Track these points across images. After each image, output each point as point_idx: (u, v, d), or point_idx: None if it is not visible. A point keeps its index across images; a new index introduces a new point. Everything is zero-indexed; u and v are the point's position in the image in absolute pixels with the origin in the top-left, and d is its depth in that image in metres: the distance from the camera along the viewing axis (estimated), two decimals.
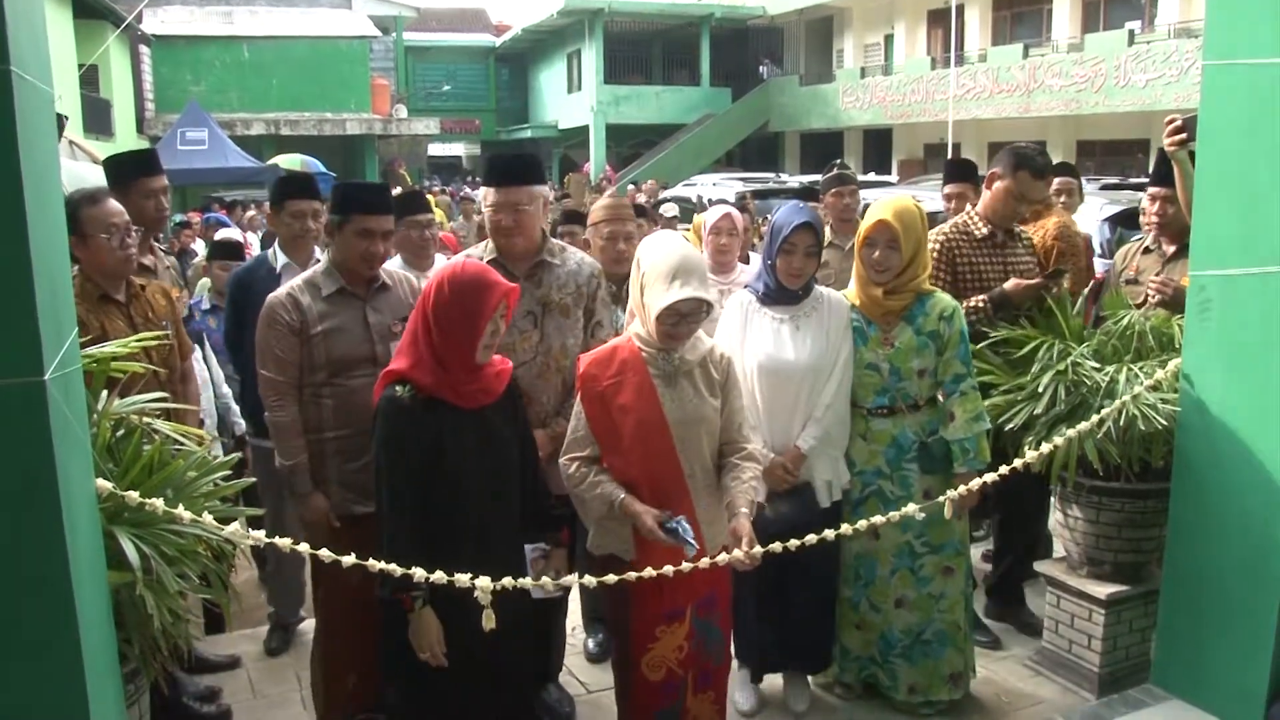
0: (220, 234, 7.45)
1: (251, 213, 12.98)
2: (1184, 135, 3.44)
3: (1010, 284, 3.79)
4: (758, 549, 2.69)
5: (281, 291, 3.14)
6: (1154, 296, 3.84)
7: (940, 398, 3.42)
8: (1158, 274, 3.97)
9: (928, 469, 3.38)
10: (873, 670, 3.54)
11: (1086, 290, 4.49)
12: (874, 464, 3.40)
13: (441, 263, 3.59)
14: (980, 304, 3.81)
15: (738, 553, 2.67)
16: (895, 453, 3.39)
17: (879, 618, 3.47)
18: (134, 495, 2.17)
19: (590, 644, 3.92)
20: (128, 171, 3.73)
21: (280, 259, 3.94)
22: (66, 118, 10.15)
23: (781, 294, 3.33)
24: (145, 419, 2.57)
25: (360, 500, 3.08)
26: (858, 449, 3.42)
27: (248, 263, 4.29)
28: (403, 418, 2.56)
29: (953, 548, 3.46)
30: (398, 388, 2.58)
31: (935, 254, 3.86)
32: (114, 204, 3.17)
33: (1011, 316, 3.81)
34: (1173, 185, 3.74)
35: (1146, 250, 4.18)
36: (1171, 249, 4.03)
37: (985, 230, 3.95)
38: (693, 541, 2.64)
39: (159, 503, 2.20)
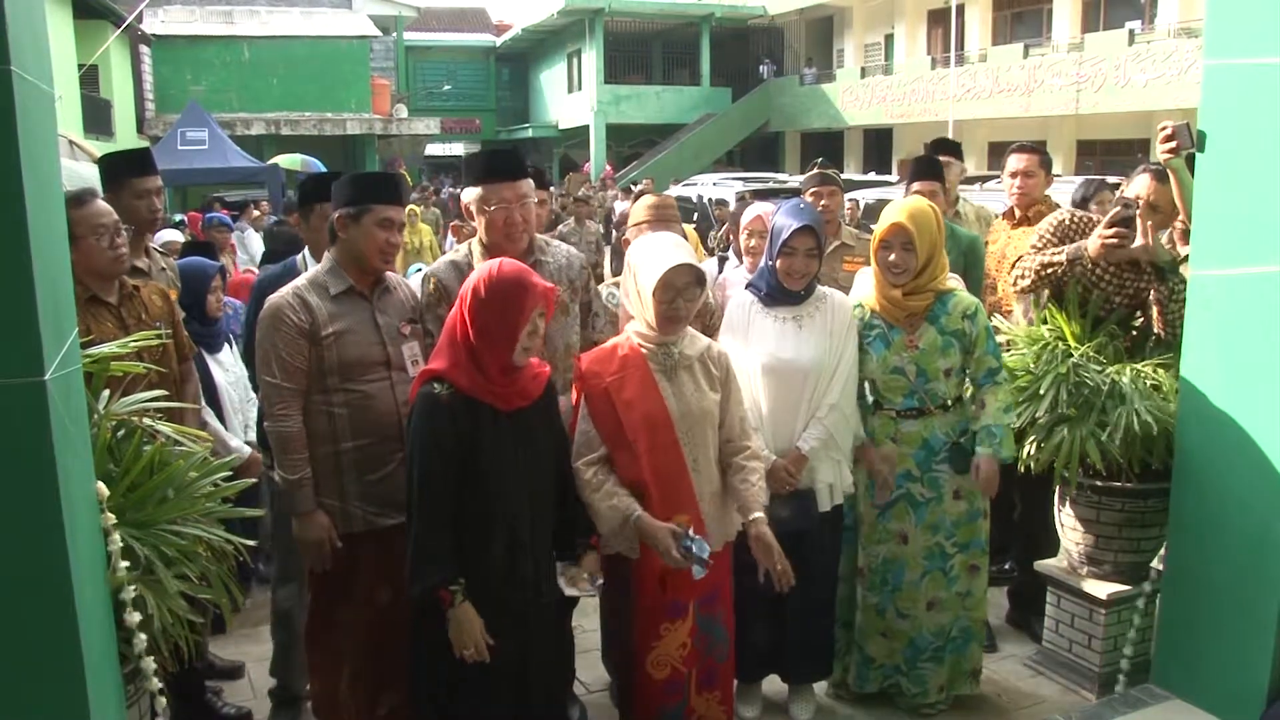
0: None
1: (257, 212, 12.97)
2: (1175, 143, 3.38)
3: (1094, 243, 3.50)
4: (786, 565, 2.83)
5: (286, 291, 2.99)
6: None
7: (967, 392, 3.42)
8: None
9: (960, 469, 3.37)
10: (896, 679, 3.53)
11: None
12: (903, 467, 3.40)
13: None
14: (1055, 260, 3.59)
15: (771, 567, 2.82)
16: (925, 455, 3.38)
17: (907, 624, 3.45)
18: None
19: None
20: (120, 171, 3.65)
21: (311, 266, 3.43)
22: None
23: (783, 294, 3.33)
24: (146, 420, 2.56)
25: (385, 513, 2.97)
26: (886, 452, 3.41)
27: (274, 269, 3.88)
28: (439, 414, 2.53)
29: (978, 546, 3.47)
30: (435, 385, 2.56)
31: (1050, 228, 3.72)
32: (101, 205, 3.11)
33: (1088, 282, 3.61)
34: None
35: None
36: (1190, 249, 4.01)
37: None
38: (706, 560, 2.70)
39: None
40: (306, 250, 3.68)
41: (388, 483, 2.97)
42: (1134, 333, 3.68)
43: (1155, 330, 3.62)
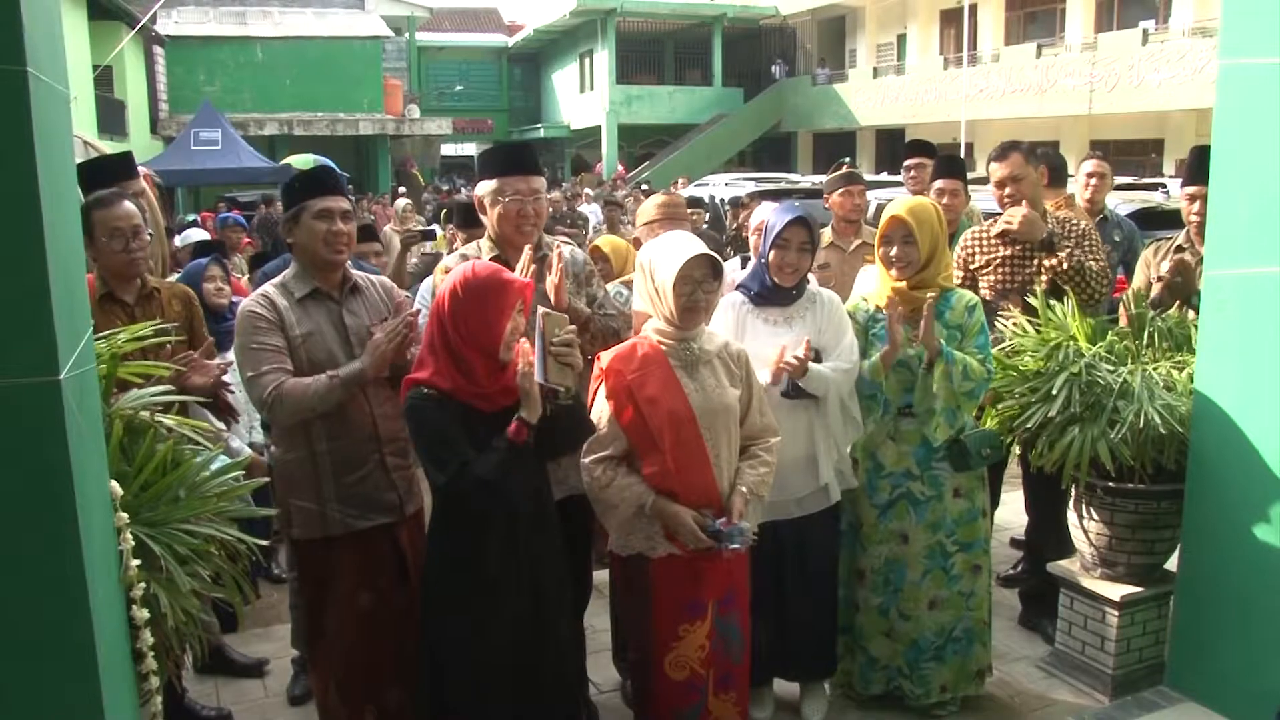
0: (185, 235, 6.91)
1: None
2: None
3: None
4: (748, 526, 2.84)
5: (253, 295, 2.98)
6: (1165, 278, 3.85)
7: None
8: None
9: (960, 466, 3.36)
10: (899, 681, 3.51)
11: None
12: (903, 465, 3.39)
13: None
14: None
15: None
16: (925, 452, 3.38)
17: (909, 625, 3.44)
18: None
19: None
20: (105, 179, 3.56)
21: None
22: None
23: (775, 294, 3.31)
24: (157, 417, 2.56)
25: (363, 514, 2.95)
26: (887, 451, 3.40)
27: (278, 260, 3.98)
28: (431, 405, 2.58)
29: (980, 546, 3.46)
30: (423, 389, 2.60)
31: (959, 256, 3.98)
32: (122, 209, 3.15)
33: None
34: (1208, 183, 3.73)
35: (1179, 249, 4.12)
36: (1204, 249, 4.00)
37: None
38: (740, 536, 2.74)
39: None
40: None
41: (365, 484, 2.96)
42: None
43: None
